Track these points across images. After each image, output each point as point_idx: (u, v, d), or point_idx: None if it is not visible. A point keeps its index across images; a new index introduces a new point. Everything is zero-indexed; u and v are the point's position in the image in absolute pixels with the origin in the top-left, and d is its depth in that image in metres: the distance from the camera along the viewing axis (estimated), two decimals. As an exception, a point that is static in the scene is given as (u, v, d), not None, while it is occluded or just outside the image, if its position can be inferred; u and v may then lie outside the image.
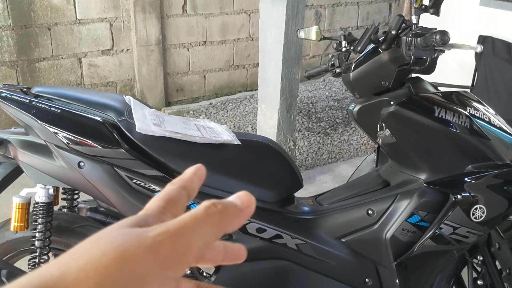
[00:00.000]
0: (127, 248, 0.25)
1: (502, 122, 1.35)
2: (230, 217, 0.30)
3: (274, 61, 2.49)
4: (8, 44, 3.10)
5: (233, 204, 0.30)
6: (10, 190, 1.33)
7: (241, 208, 0.30)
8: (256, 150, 1.35)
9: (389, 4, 4.63)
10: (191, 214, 0.28)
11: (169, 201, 0.31)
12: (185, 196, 0.31)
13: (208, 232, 0.28)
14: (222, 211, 0.29)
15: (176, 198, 0.31)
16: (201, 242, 0.28)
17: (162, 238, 0.26)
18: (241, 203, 0.31)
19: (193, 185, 0.33)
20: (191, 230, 0.27)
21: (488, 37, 2.91)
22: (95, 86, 3.49)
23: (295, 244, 1.31)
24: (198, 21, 3.70)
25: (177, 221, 0.27)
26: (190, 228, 0.27)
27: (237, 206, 0.30)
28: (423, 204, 1.28)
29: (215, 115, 3.60)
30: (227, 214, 0.29)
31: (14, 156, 1.24)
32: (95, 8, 3.29)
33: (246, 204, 0.31)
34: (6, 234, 1.33)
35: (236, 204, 0.30)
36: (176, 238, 0.26)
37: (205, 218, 0.28)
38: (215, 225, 0.28)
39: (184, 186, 0.32)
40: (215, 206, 0.29)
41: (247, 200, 0.31)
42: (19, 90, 1.25)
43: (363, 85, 1.36)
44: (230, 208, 0.30)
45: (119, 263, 0.25)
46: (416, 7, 1.32)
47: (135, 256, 0.25)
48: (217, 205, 0.29)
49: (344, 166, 3.08)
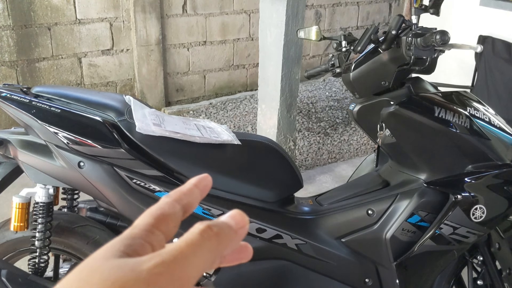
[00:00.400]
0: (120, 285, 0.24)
1: (502, 122, 1.35)
2: (226, 239, 0.28)
3: (274, 61, 2.49)
4: (8, 44, 3.10)
5: (228, 225, 0.29)
6: (10, 190, 1.33)
7: (236, 229, 0.29)
8: (256, 150, 1.35)
9: (389, 4, 4.63)
10: (186, 240, 0.26)
11: (160, 218, 0.28)
12: (179, 212, 0.29)
13: (206, 257, 0.27)
14: (218, 233, 0.27)
15: (168, 214, 0.29)
16: (199, 269, 0.26)
17: (159, 270, 0.24)
18: (235, 224, 0.29)
19: (192, 199, 0.31)
20: (188, 258, 0.26)
21: (488, 37, 2.91)
22: (95, 86, 3.49)
23: (295, 244, 1.31)
24: (198, 21, 3.70)
25: (173, 249, 0.26)
26: (187, 255, 0.26)
27: (232, 227, 0.29)
28: (423, 204, 1.28)
29: (215, 115, 3.60)
30: (223, 237, 0.28)
31: (14, 156, 1.24)
32: (95, 8, 3.29)
33: (240, 224, 0.29)
34: (6, 234, 1.33)
35: (231, 225, 0.29)
36: (174, 268, 0.25)
37: (201, 243, 0.26)
38: (212, 249, 0.27)
39: (181, 199, 0.30)
40: (211, 229, 0.27)
41: (241, 220, 0.29)
42: (19, 90, 1.25)
43: (363, 85, 1.36)
44: (225, 230, 0.28)
45: None
46: (416, 7, 1.32)
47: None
48: (213, 228, 0.27)
49: (344, 166, 3.08)
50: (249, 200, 1.30)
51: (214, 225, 0.28)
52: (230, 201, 1.26)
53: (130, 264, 0.25)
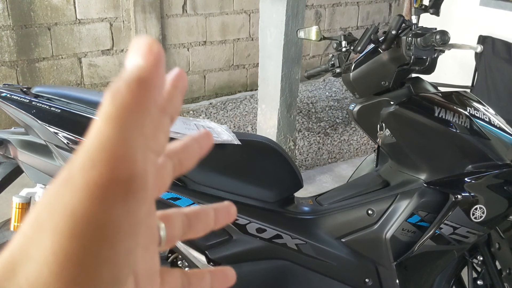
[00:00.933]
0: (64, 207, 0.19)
1: (502, 122, 1.35)
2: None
3: (274, 61, 2.49)
4: (8, 44, 3.09)
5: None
6: (10, 190, 1.33)
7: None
8: (256, 150, 1.35)
9: (389, 4, 4.63)
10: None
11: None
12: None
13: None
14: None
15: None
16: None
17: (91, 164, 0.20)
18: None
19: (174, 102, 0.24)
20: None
21: (488, 37, 2.91)
22: (95, 86, 3.49)
23: (295, 244, 1.31)
24: (198, 21, 3.70)
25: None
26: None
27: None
28: (423, 204, 1.28)
29: (215, 115, 3.60)
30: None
31: (14, 156, 1.24)
32: (95, 8, 3.29)
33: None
34: (6, 234, 1.33)
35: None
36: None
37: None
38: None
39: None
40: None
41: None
42: (19, 90, 1.25)
43: (363, 85, 1.36)
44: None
45: (65, 231, 0.19)
46: (416, 7, 1.32)
47: (76, 207, 0.19)
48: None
49: (344, 166, 3.08)
50: (249, 200, 1.30)
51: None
52: (230, 201, 1.26)
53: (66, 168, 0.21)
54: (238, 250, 1.25)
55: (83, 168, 0.20)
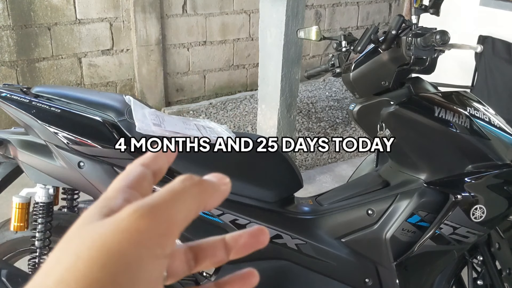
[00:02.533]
0: (103, 241, 0.23)
1: (502, 122, 1.35)
2: (208, 190, 0.28)
3: (274, 61, 2.49)
4: (8, 44, 3.09)
5: (210, 178, 0.29)
6: (10, 190, 1.33)
7: (218, 183, 0.29)
8: (256, 150, 1.35)
9: (389, 4, 4.63)
10: (167, 187, 0.26)
11: (131, 178, 0.27)
12: (149, 175, 0.28)
13: (188, 204, 0.26)
14: (200, 183, 0.27)
15: (138, 174, 0.28)
16: (182, 215, 0.26)
17: (139, 214, 0.24)
18: (217, 180, 0.29)
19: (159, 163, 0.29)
20: (169, 202, 0.25)
21: (488, 37, 2.91)
22: (95, 86, 3.49)
23: (295, 244, 1.31)
24: (198, 21, 3.70)
25: (154, 195, 0.25)
26: (167, 200, 0.25)
27: (214, 181, 0.29)
28: (423, 204, 1.28)
29: (215, 115, 3.60)
30: (205, 186, 0.28)
31: (14, 156, 1.24)
32: (95, 8, 3.29)
33: (222, 181, 0.29)
34: (6, 234, 1.33)
35: (212, 179, 0.29)
36: (155, 211, 0.24)
37: (183, 189, 0.26)
38: (194, 196, 0.27)
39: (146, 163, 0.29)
40: (192, 178, 0.27)
41: (222, 177, 0.30)
42: (19, 90, 1.25)
43: (363, 85, 1.36)
44: (207, 181, 0.28)
45: (98, 261, 0.22)
46: (416, 7, 1.32)
47: (114, 245, 0.23)
48: (194, 177, 0.27)
49: (344, 166, 3.08)
50: (249, 200, 1.30)
51: (195, 176, 0.28)
52: (230, 201, 1.26)
53: (109, 219, 0.24)
54: (238, 250, 1.25)
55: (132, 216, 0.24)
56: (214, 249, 0.30)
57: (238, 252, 0.30)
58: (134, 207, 0.24)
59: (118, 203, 0.25)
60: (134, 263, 0.23)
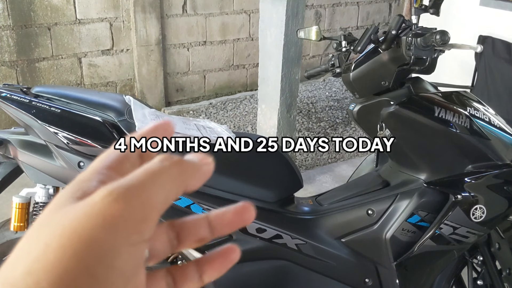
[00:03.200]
0: (74, 227, 0.21)
1: (502, 122, 1.35)
2: (189, 170, 0.26)
3: (274, 61, 2.49)
4: (8, 44, 3.09)
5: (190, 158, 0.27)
6: (10, 190, 1.33)
7: (200, 163, 0.27)
8: (256, 150, 1.35)
9: (389, 4, 4.63)
10: (145, 168, 0.24)
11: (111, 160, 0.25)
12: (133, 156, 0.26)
13: (168, 185, 0.24)
14: (179, 162, 0.25)
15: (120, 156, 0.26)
16: (161, 198, 0.23)
17: (113, 197, 0.22)
18: (198, 159, 0.27)
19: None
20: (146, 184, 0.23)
21: (488, 37, 2.91)
22: (95, 86, 3.49)
23: (295, 244, 1.31)
24: (198, 21, 3.70)
25: (129, 177, 0.23)
26: (144, 181, 0.23)
27: (195, 160, 0.27)
28: (423, 204, 1.28)
29: (215, 115, 3.60)
30: (185, 166, 0.25)
31: (14, 156, 1.24)
32: (95, 8, 3.29)
33: (203, 160, 0.27)
34: (6, 234, 1.33)
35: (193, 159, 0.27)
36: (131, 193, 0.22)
37: (161, 170, 0.24)
38: (174, 177, 0.24)
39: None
40: (171, 157, 0.25)
41: (204, 156, 0.27)
42: (19, 90, 1.26)
43: (363, 85, 1.36)
44: (188, 161, 0.26)
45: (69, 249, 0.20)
46: (416, 7, 1.32)
47: (86, 231, 0.21)
48: (173, 157, 0.25)
49: (344, 166, 3.08)
50: (249, 200, 1.30)
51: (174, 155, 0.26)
52: (230, 201, 1.26)
53: (81, 203, 0.22)
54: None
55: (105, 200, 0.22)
56: (197, 227, 0.28)
57: (222, 230, 0.28)
58: (108, 190, 0.22)
59: (93, 185, 0.23)
60: (109, 251, 0.21)
